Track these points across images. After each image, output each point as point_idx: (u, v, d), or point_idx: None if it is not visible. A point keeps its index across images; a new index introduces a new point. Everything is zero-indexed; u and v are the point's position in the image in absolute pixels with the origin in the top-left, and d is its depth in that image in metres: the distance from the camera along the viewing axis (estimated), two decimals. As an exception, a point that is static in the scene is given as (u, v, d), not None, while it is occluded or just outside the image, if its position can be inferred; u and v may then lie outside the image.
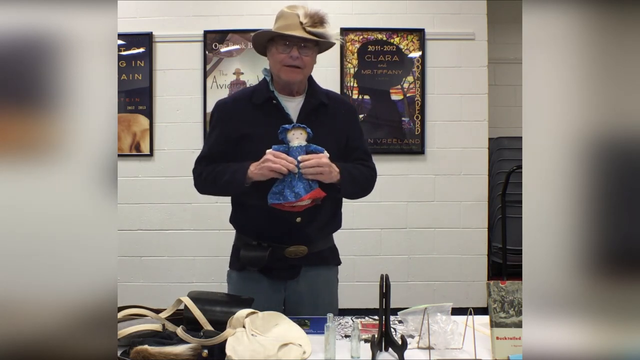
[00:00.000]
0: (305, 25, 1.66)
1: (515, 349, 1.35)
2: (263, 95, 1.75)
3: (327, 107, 1.78)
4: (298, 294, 1.78)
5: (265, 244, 1.72)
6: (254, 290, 1.70)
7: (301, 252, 1.74)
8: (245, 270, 1.77)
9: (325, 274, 1.84)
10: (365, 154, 1.86)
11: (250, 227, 1.77)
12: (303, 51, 1.69)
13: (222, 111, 1.79)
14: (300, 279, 1.78)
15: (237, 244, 1.82)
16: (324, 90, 1.84)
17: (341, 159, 1.77)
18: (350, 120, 1.85)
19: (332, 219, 1.82)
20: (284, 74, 1.71)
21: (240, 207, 1.81)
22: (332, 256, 1.87)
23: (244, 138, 1.72)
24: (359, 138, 1.86)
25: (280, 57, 1.69)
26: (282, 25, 1.68)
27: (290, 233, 1.72)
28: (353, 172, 1.76)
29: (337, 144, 1.77)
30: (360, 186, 1.82)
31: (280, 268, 1.75)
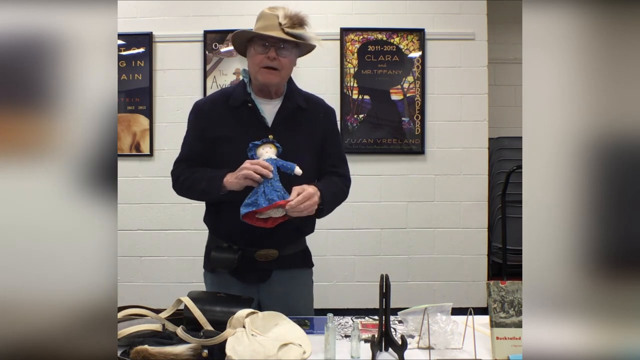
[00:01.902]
0: (284, 26, 1.65)
1: (515, 349, 1.36)
2: (240, 97, 1.73)
3: (304, 111, 1.76)
4: (271, 297, 1.76)
5: (236, 246, 1.71)
6: (227, 292, 1.68)
7: (272, 255, 1.73)
8: (217, 271, 1.76)
9: (297, 277, 1.81)
10: (340, 161, 1.84)
11: (222, 228, 1.77)
12: (281, 52, 1.67)
13: (199, 113, 1.78)
14: (272, 281, 1.76)
15: (209, 245, 1.82)
16: (303, 93, 1.81)
17: (316, 164, 1.76)
18: (328, 124, 1.82)
19: (305, 223, 1.78)
20: (260, 76, 1.69)
21: (213, 208, 1.80)
22: (304, 259, 1.84)
23: (220, 140, 1.71)
24: (335, 143, 1.84)
25: (257, 58, 1.68)
26: (261, 26, 1.67)
27: (261, 237, 1.70)
28: (333, 190, 1.74)
29: (313, 149, 1.76)
30: (338, 202, 1.80)
31: (251, 270, 1.74)
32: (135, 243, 3.68)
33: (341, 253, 3.65)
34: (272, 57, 1.66)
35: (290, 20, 1.66)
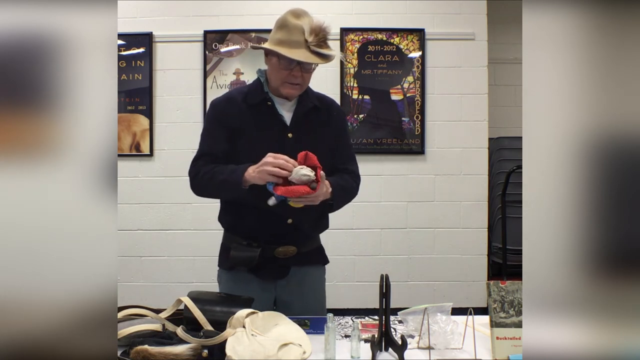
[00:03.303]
0: (310, 44, 1.64)
1: (515, 349, 1.36)
2: (258, 96, 1.75)
3: (319, 111, 1.79)
4: (288, 293, 1.78)
5: (256, 244, 1.72)
6: (245, 289, 1.70)
7: (291, 252, 1.75)
8: (235, 269, 1.77)
9: (313, 273, 1.85)
10: (351, 160, 1.88)
11: (240, 227, 1.78)
12: (305, 68, 1.69)
13: (217, 110, 1.78)
14: (290, 278, 1.78)
15: (226, 243, 1.82)
16: (316, 93, 1.85)
17: (330, 162, 1.78)
18: (340, 124, 1.87)
19: (321, 220, 1.84)
20: (283, 90, 1.71)
21: (230, 207, 1.81)
22: (319, 256, 1.88)
23: (239, 137, 1.72)
24: (346, 142, 1.89)
25: (282, 73, 1.68)
26: (284, 39, 1.65)
27: (280, 234, 1.73)
28: (343, 185, 1.78)
29: (328, 148, 1.78)
30: (349, 199, 1.84)
31: (270, 268, 1.75)
32: (135, 243, 3.68)
33: (341, 253, 3.65)
34: (297, 76, 1.68)
35: (316, 37, 1.65)
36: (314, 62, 1.66)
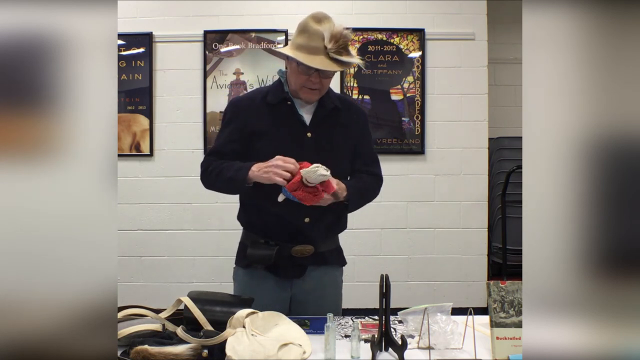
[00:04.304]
0: (330, 51, 1.64)
1: (515, 349, 1.35)
2: (278, 95, 1.75)
3: (339, 111, 1.79)
4: (304, 293, 1.79)
5: (273, 242, 1.73)
6: (261, 287, 1.73)
7: (308, 251, 1.75)
8: (252, 267, 1.78)
9: (330, 274, 1.85)
10: (372, 160, 1.88)
11: (258, 225, 1.78)
12: (324, 74, 1.69)
13: (237, 108, 1.79)
14: (306, 277, 1.78)
15: (244, 242, 1.83)
16: (337, 94, 1.85)
17: (350, 163, 1.80)
18: (361, 124, 1.86)
19: (339, 220, 1.85)
20: (303, 95, 1.72)
21: (249, 206, 1.82)
22: (337, 256, 1.89)
23: (257, 136, 1.73)
24: (367, 143, 1.89)
25: (301, 78, 1.68)
26: (305, 45, 1.64)
27: (297, 233, 1.74)
28: (359, 186, 1.79)
29: (348, 148, 1.80)
30: (367, 199, 1.87)
31: (287, 266, 1.76)
32: (135, 243, 3.68)
33: (341, 253, 3.64)
34: (316, 81, 1.68)
35: (336, 43, 1.65)
36: (331, 70, 1.66)
